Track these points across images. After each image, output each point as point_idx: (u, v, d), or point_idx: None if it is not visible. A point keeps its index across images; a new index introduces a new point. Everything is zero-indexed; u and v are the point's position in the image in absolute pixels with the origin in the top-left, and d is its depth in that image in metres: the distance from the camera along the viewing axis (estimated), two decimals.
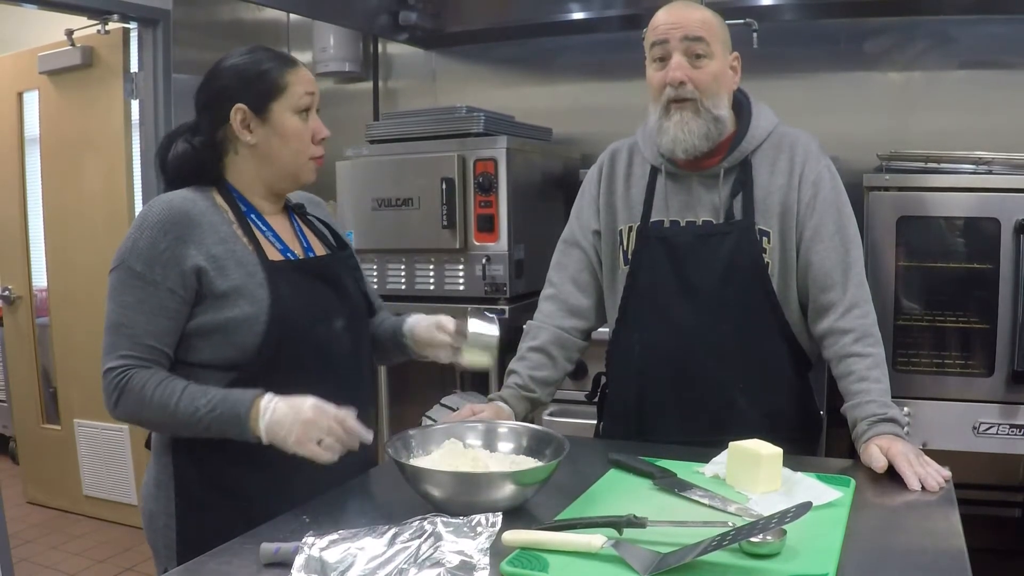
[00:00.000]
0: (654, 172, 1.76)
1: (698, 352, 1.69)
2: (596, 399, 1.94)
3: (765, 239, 1.68)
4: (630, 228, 1.77)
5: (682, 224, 1.73)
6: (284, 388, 1.37)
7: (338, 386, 1.46)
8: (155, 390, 1.36)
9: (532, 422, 1.61)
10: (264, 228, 1.52)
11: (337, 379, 1.50)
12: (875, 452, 1.47)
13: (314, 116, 1.52)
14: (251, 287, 1.43)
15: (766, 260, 1.68)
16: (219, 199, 1.50)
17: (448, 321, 1.64)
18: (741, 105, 1.74)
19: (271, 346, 1.42)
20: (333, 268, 1.59)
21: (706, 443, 1.54)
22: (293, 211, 1.63)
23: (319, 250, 1.61)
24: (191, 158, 1.51)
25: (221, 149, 1.51)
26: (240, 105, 1.47)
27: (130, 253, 1.40)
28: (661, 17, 1.66)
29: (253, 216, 1.52)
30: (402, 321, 1.72)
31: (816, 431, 1.84)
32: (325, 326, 1.51)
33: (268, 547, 1.13)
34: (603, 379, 1.91)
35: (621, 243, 1.79)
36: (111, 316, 1.41)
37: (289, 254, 1.53)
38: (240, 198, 1.52)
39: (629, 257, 1.77)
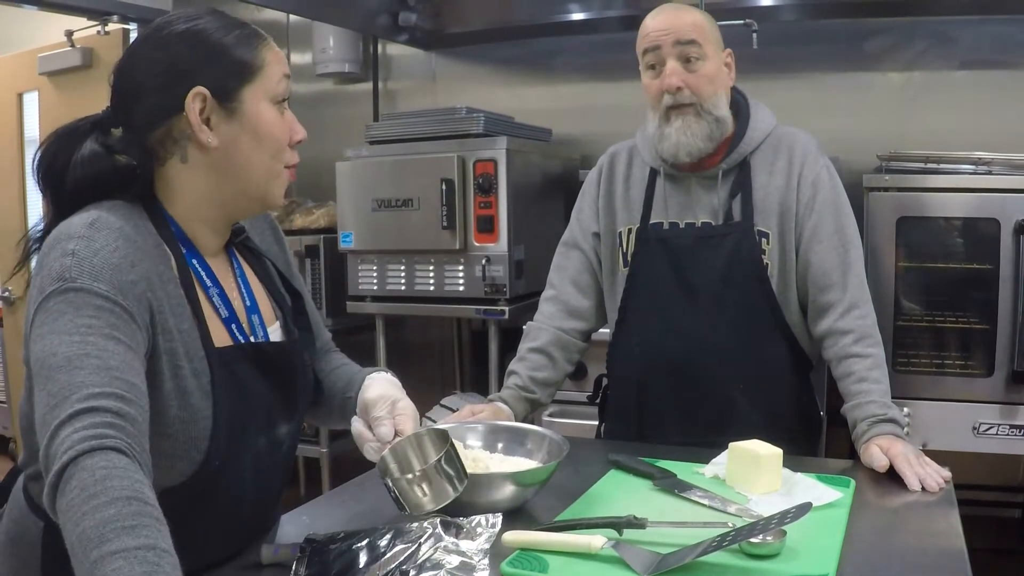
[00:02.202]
0: (653, 174, 1.77)
1: (698, 353, 1.69)
2: (598, 401, 1.95)
3: (764, 240, 1.68)
4: (629, 230, 1.77)
5: (681, 226, 1.73)
6: (201, 510, 1.07)
7: (259, 500, 1.19)
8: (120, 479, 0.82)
9: (532, 423, 1.61)
10: (208, 284, 1.11)
11: (259, 494, 1.18)
12: (876, 452, 1.47)
13: (288, 111, 1.13)
14: (194, 394, 1.03)
15: (765, 261, 1.68)
16: (159, 235, 1.07)
17: (389, 430, 1.18)
18: (739, 106, 1.74)
19: (205, 478, 1.05)
20: (290, 358, 1.20)
21: (707, 444, 1.53)
22: (234, 246, 1.21)
23: (266, 311, 1.20)
24: (107, 167, 1.06)
25: (154, 156, 1.07)
26: (200, 89, 1.03)
27: (80, 271, 0.94)
28: (650, 23, 1.66)
29: (195, 263, 1.10)
30: (356, 383, 1.28)
31: (816, 432, 1.84)
32: (268, 436, 1.16)
33: (268, 547, 1.13)
34: (604, 381, 1.91)
35: (621, 245, 1.79)
36: (59, 350, 0.89)
37: (235, 326, 1.12)
38: (179, 234, 1.09)
39: (629, 259, 1.77)
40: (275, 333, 1.21)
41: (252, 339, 1.15)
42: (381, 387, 1.24)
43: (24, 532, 1.09)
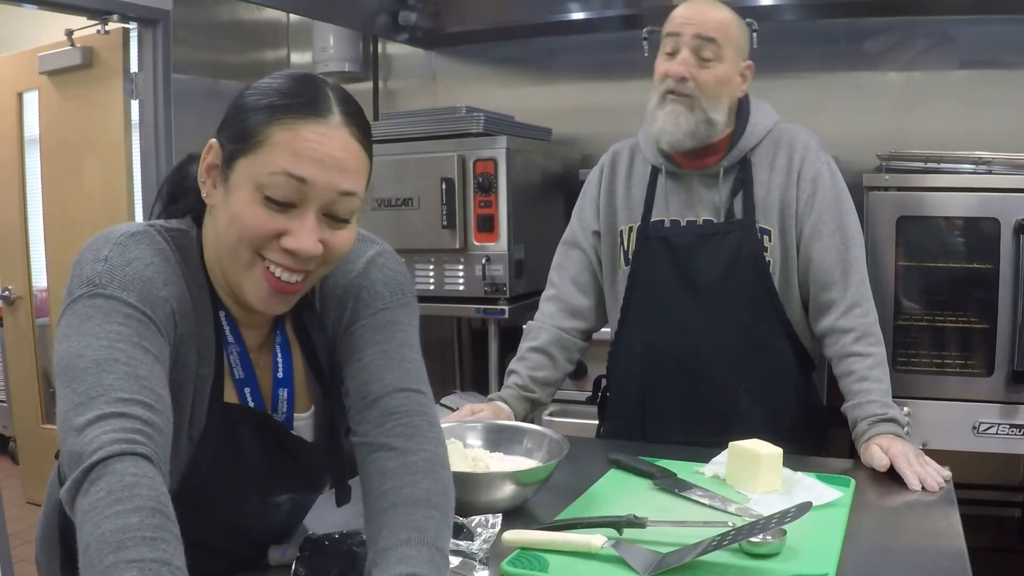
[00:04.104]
0: (655, 172, 1.77)
1: (701, 352, 1.69)
2: (597, 402, 1.94)
3: (766, 237, 1.68)
4: (631, 228, 1.77)
5: (683, 224, 1.73)
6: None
7: (253, 540, 1.15)
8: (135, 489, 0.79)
9: (532, 422, 1.61)
10: (231, 340, 1.04)
11: (253, 536, 1.15)
12: (876, 451, 1.48)
13: (307, 219, 0.95)
14: (181, 436, 0.98)
15: (768, 259, 1.67)
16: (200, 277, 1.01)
17: None
18: (740, 103, 1.74)
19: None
20: (304, 451, 1.11)
21: (710, 443, 1.53)
22: (284, 317, 1.08)
23: (301, 392, 1.10)
24: (175, 181, 1.09)
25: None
26: (213, 141, 0.98)
27: (110, 279, 0.91)
28: (680, 11, 1.66)
29: (222, 315, 1.03)
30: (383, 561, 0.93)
31: (821, 431, 1.83)
32: (262, 501, 1.10)
33: (277, 548, 1.14)
34: (603, 382, 1.91)
35: (622, 243, 1.79)
36: (86, 352, 0.86)
37: (248, 390, 1.05)
38: (209, 284, 1.03)
39: (630, 257, 1.77)
40: (303, 419, 1.11)
41: (271, 413, 1.08)
42: None
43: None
